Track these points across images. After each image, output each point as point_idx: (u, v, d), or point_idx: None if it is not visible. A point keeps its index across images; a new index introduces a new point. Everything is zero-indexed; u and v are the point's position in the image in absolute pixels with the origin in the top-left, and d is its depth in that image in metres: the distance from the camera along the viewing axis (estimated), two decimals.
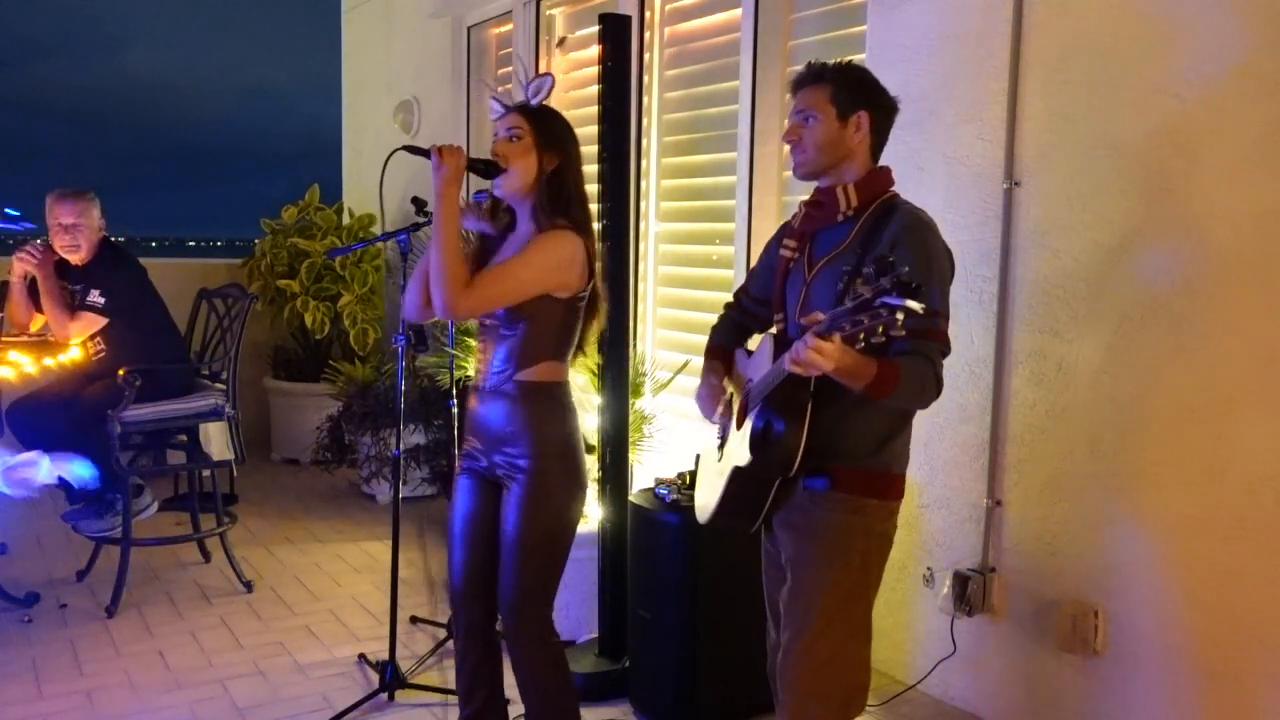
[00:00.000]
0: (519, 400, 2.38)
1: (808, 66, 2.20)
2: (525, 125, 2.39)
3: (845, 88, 2.14)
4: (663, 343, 4.44)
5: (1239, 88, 2.51)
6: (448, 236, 2.28)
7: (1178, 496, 2.66)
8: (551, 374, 2.40)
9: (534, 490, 2.37)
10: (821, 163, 2.15)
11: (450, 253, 2.27)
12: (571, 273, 2.34)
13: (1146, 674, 2.75)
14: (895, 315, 1.63)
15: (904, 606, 3.38)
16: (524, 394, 2.38)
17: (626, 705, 3.24)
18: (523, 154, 2.37)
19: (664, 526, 3.08)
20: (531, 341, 2.36)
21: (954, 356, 3.12)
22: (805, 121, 2.15)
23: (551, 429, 2.39)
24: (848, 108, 2.13)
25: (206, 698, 3.26)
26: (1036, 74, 2.95)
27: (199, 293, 4.93)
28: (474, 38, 5.77)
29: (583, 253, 2.36)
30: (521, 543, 2.38)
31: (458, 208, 2.33)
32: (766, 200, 3.89)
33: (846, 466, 2.11)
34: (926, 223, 2.11)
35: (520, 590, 2.40)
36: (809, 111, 2.15)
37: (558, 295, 2.35)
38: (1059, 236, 2.91)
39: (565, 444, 2.41)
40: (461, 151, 2.34)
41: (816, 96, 2.15)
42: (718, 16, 4.13)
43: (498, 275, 2.34)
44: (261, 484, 5.77)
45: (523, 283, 2.32)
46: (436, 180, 2.30)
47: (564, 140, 2.41)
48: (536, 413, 2.38)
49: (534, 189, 2.38)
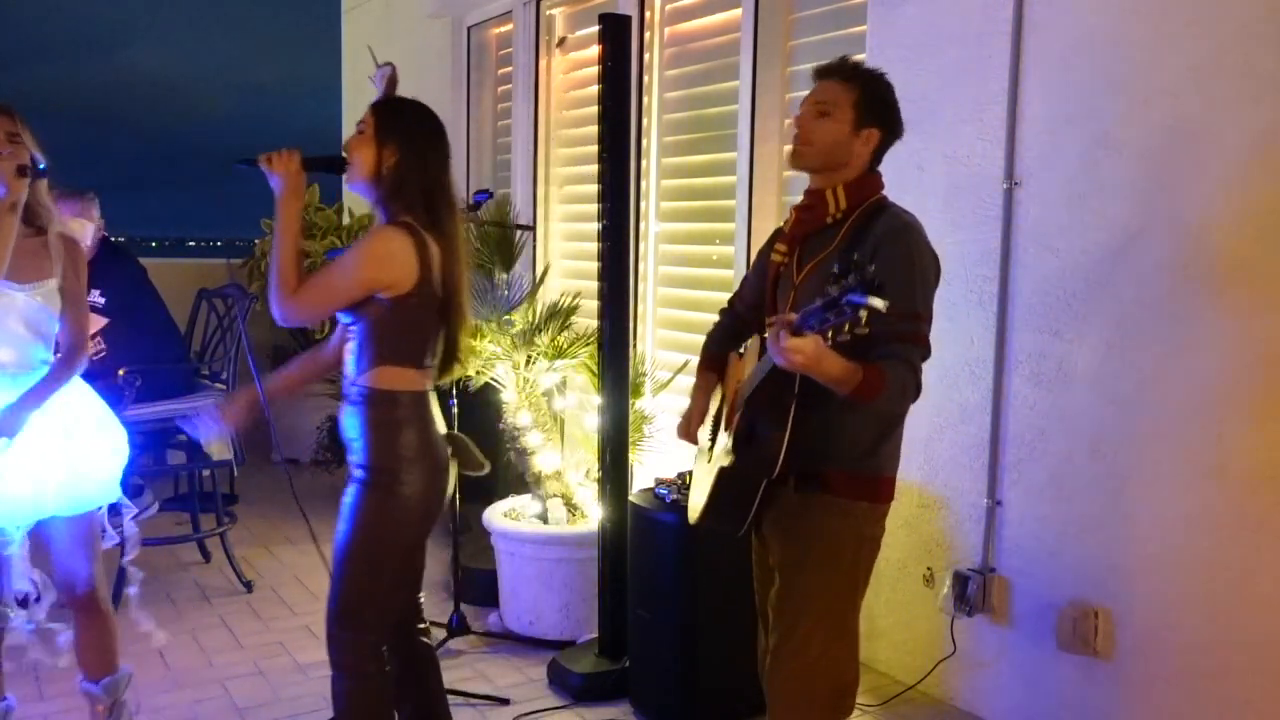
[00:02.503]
0: (357, 406, 2.29)
1: (842, 60, 2.18)
2: (369, 117, 2.33)
3: (872, 99, 2.14)
4: (663, 343, 4.43)
5: (1239, 88, 2.51)
6: (283, 241, 2.25)
7: (1178, 496, 2.66)
8: (389, 380, 2.26)
9: (355, 503, 2.28)
10: (821, 161, 2.15)
11: (284, 257, 2.23)
12: (393, 272, 2.21)
13: (1147, 674, 2.75)
14: (859, 313, 1.64)
15: (904, 606, 3.38)
16: (363, 400, 2.28)
17: (626, 705, 3.24)
18: (363, 147, 2.30)
19: (664, 526, 3.08)
20: (366, 345, 2.27)
21: (954, 356, 3.14)
22: (821, 114, 2.13)
23: (380, 440, 2.27)
24: (866, 119, 2.13)
25: (206, 698, 3.26)
26: (1036, 74, 2.95)
27: (199, 293, 4.93)
28: (474, 38, 5.77)
29: (408, 251, 2.21)
30: (339, 556, 2.30)
31: (295, 210, 2.28)
32: (766, 200, 3.89)
33: (837, 470, 2.11)
34: (912, 227, 2.11)
35: (333, 608, 2.31)
36: (829, 105, 2.12)
37: (383, 296, 2.22)
38: (1059, 236, 2.90)
39: (394, 458, 2.26)
40: (295, 154, 2.29)
41: (841, 94, 2.12)
42: (718, 16, 4.13)
43: (318, 278, 2.28)
44: (261, 484, 5.77)
45: (341, 284, 2.25)
46: (273, 186, 2.28)
47: (407, 134, 2.29)
48: (370, 421, 2.27)
49: (375, 184, 2.30)
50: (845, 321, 1.66)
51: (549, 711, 3.22)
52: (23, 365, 2.52)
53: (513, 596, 3.78)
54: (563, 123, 5.12)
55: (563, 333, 3.94)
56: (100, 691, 2.69)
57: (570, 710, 3.24)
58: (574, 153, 5.04)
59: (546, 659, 3.49)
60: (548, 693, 3.35)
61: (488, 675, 3.47)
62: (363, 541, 2.29)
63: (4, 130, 2.47)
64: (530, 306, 3.95)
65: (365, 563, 2.30)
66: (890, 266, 1.89)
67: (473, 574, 3.97)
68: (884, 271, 1.67)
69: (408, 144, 2.28)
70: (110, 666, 2.72)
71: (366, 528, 2.28)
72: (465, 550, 3.86)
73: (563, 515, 3.81)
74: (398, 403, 2.27)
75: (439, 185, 2.31)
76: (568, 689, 3.32)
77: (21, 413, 2.45)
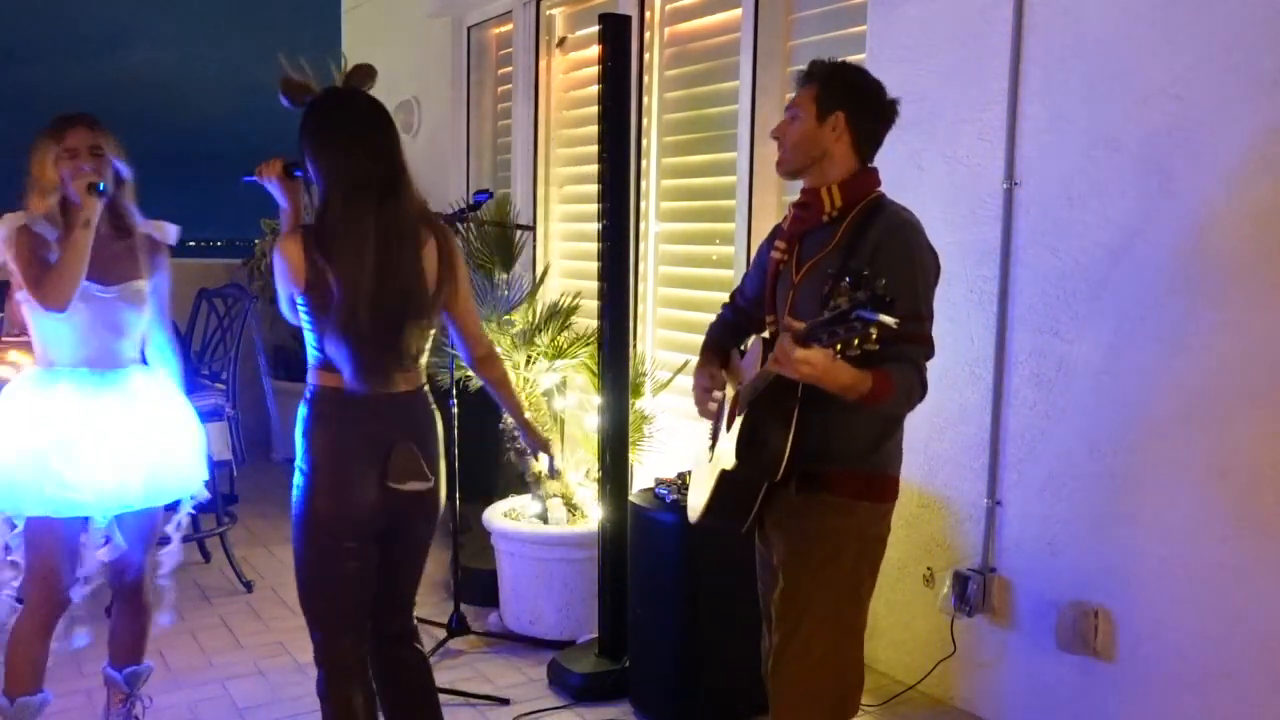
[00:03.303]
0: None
1: (808, 65, 2.21)
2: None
3: (828, 87, 2.14)
4: (663, 343, 4.43)
5: (1239, 88, 2.51)
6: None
7: (1178, 496, 2.66)
8: (309, 378, 2.31)
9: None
10: (797, 161, 2.17)
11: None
12: (287, 277, 2.20)
13: (1147, 673, 2.75)
14: (870, 330, 1.64)
15: (904, 606, 3.38)
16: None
17: (626, 705, 3.24)
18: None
19: (664, 526, 3.08)
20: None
21: (954, 356, 3.14)
22: (791, 119, 2.17)
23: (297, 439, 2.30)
24: (826, 107, 2.13)
25: (206, 698, 3.26)
26: (1036, 74, 2.95)
27: (199, 293, 4.93)
28: (474, 38, 5.77)
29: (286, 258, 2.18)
30: None
31: (293, 205, 2.33)
32: (766, 200, 3.89)
33: (839, 469, 2.11)
34: (911, 225, 2.11)
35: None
36: (795, 109, 2.16)
37: (295, 299, 2.24)
38: (1059, 236, 2.90)
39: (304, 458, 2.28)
40: (278, 162, 2.35)
41: (803, 95, 2.16)
42: (718, 16, 4.13)
43: None
44: (261, 484, 5.76)
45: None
46: (271, 192, 2.36)
47: (307, 139, 2.23)
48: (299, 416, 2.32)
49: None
50: (855, 336, 1.67)
51: (549, 711, 3.22)
52: (112, 364, 2.63)
53: (513, 596, 3.78)
54: (563, 123, 5.12)
55: (563, 333, 3.94)
56: (122, 680, 2.84)
57: (570, 710, 3.24)
58: (574, 153, 5.04)
59: (546, 659, 3.49)
60: (548, 693, 3.35)
61: (488, 675, 3.47)
62: (294, 533, 2.33)
63: (86, 144, 2.56)
64: (530, 306, 3.96)
65: (298, 555, 2.34)
66: (891, 266, 1.89)
67: (473, 574, 3.97)
68: (885, 272, 1.67)
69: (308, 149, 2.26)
70: (138, 657, 2.87)
71: (295, 530, 2.33)
72: (465, 550, 3.86)
73: (563, 515, 3.81)
74: (312, 399, 2.30)
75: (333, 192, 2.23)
76: (568, 689, 3.32)
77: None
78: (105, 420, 2.59)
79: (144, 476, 2.63)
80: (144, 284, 2.66)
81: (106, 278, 2.57)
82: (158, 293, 2.71)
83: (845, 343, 1.69)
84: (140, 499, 2.65)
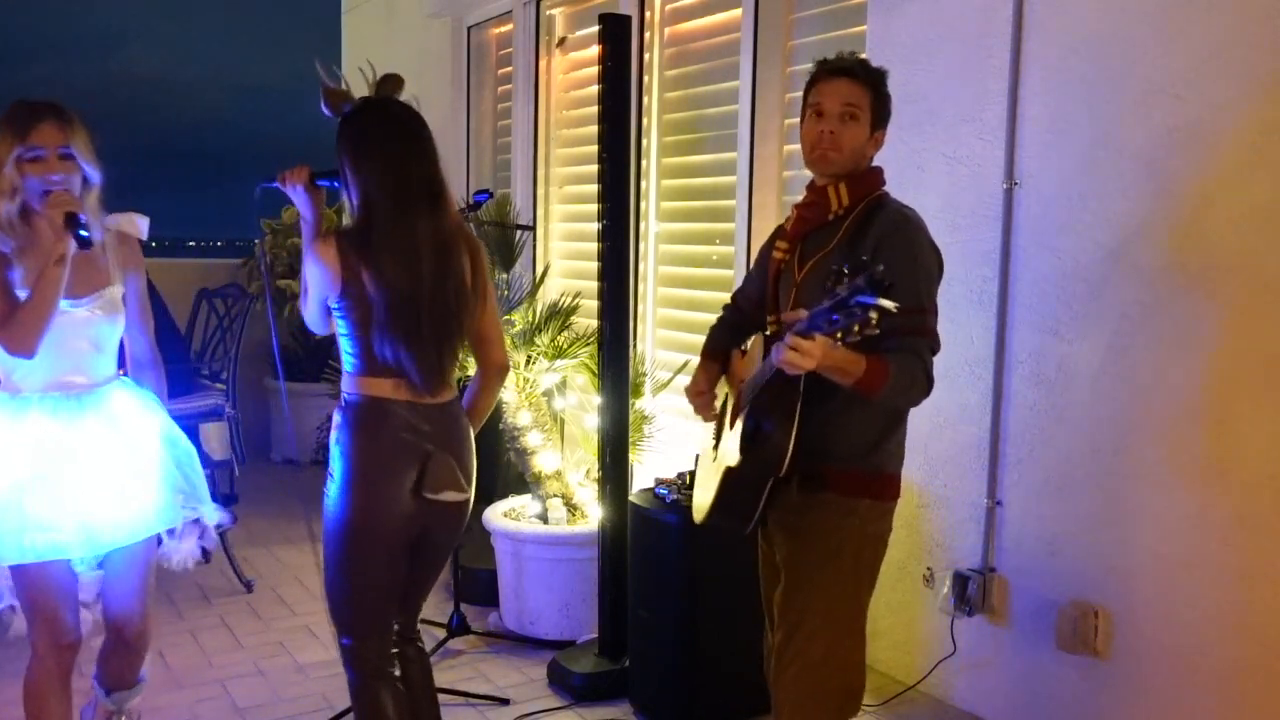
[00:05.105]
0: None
1: (857, 59, 2.17)
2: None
3: (881, 101, 2.14)
4: (663, 343, 4.44)
5: (1239, 88, 2.51)
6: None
7: (1178, 496, 2.66)
8: (345, 385, 2.29)
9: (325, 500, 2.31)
10: (847, 168, 2.14)
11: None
12: (323, 282, 2.22)
13: (1147, 674, 2.75)
14: (870, 314, 1.63)
15: (904, 606, 3.38)
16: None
17: (626, 705, 3.24)
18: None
19: (664, 526, 3.07)
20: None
21: (954, 356, 3.14)
22: (849, 117, 2.11)
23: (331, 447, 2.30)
24: (879, 121, 2.14)
25: (206, 698, 3.26)
26: (1036, 74, 2.95)
27: (199, 293, 4.93)
28: (474, 38, 5.77)
29: (322, 262, 2.20)
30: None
31: (316, 213, 2.31)
32: (766, 200, 3.89)
33: (839, 468, 2.11)
34: (912, 221, 2.11)
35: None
36: (855, 109, 2.11)
37: (329, 305, 2.25)
38: (1059, 236, 2.91)
39: (337, 465, 2.27)
40: (304, 169, 2.32)
41: (862, 97, 2.12)
42: (718, 16, 4.13)
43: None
44: (261, 484, 5.76)
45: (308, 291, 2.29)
46: (291, 198, 2.34)
47: (342, 149, 2.25)
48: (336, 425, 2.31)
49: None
50: (855, 323, 1.66)
51: (549, 712, 3.22)
52: (87, 384, 2.36)
53: (512, 596, 3.78)
54: (563, 123, 5.12)
55: (563, 333, 3.95)
56: (109, 701, 2.62)
57: (570, 710, 3.24)
58: (574, 153, 5.04)
59: (546, 659, 3.49)
60: (548, 693, 3.35)
61: (488, 675, 3.47)
62: (326, 539, 2.31)
63: (55, 146, 2.22)
64: (530, 306, 3.96)
65: (330, 562, 2.32)
66: (893, 260, 1.89)
67: (473, 574, 3.97)
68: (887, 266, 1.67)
69: (344, 158, 2.28)
70: (128, 685, 2.61)
71: (326, 531, 2.31)
72: (465, 550, 3.86)
73: (563, 515, 3.81)
74: (345, 409, 2.28)
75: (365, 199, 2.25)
76: (568, 689, 3.32)
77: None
78: (84, 448, 2.31)
79: (132, 507, 2.36)
80: (117, 289, 2.38)
81: (76, 291, 2.27)
82: (135, 293, 2.44)
83: (845, 329, 1.68)
84: (128, 533, 2.37)
